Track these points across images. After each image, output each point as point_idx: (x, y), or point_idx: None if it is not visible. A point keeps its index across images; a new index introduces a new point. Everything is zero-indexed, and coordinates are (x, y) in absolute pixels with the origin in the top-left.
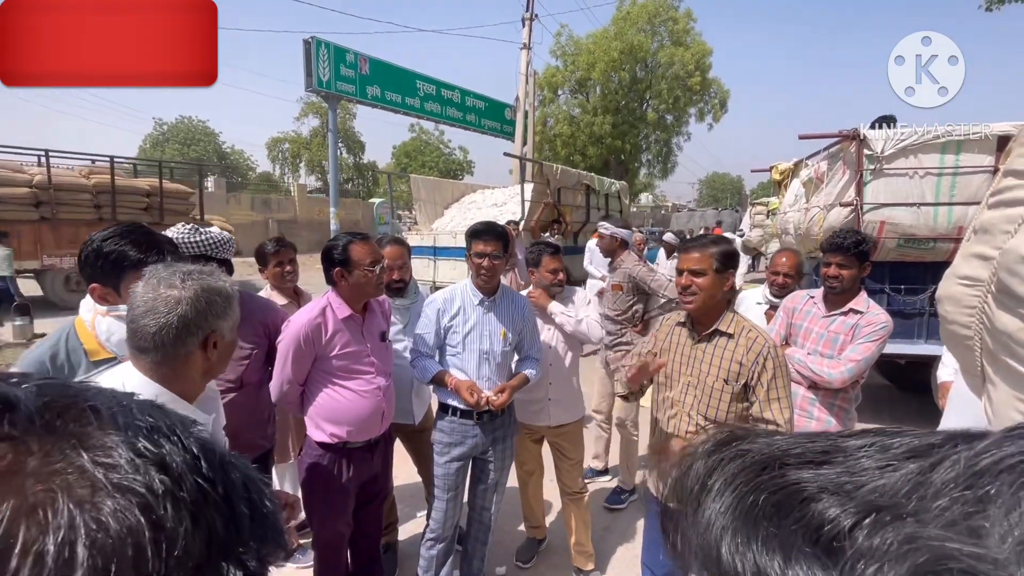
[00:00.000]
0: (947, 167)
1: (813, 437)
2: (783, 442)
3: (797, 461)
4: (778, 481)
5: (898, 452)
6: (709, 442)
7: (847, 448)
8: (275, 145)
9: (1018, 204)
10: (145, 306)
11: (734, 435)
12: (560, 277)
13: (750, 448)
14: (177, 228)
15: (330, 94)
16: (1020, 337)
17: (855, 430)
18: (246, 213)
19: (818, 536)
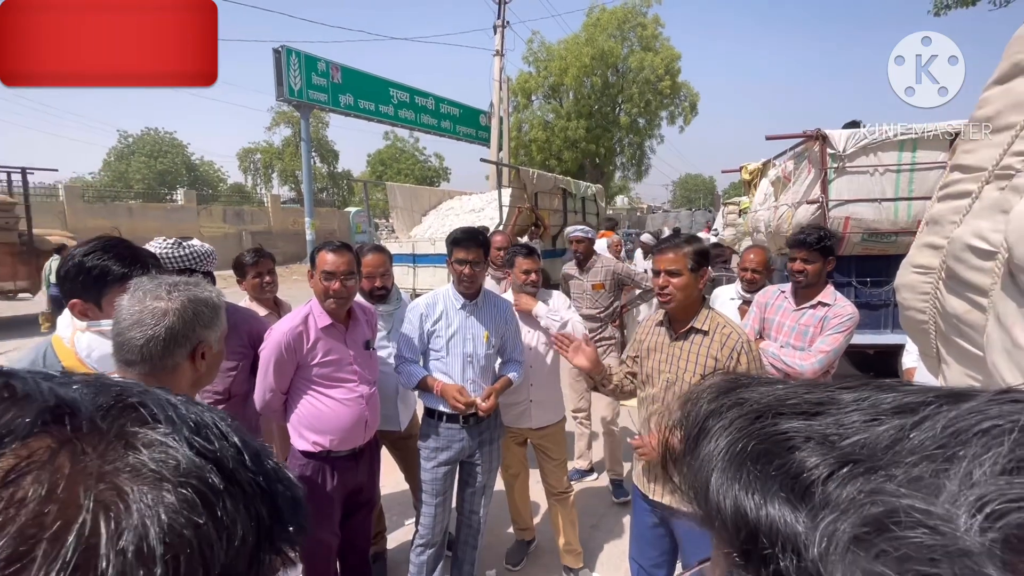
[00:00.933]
0: (905, 164)
1: (811, 387)
2: (782, 391)
3: (791, 411)
4: (769, 430)
5: (887, 407)
6: (713, 388)
7: (841, 401)
8: (247, 156)
9: (963, 196)
10: (132, 319)
11: (737, 382)
12: (532, 278)
13: (749, 396)
14: (158, 242)
15: (302, 103)
16: (968, 319)
17: (853, 382)
18: (218, 225)
19: (795, 483)
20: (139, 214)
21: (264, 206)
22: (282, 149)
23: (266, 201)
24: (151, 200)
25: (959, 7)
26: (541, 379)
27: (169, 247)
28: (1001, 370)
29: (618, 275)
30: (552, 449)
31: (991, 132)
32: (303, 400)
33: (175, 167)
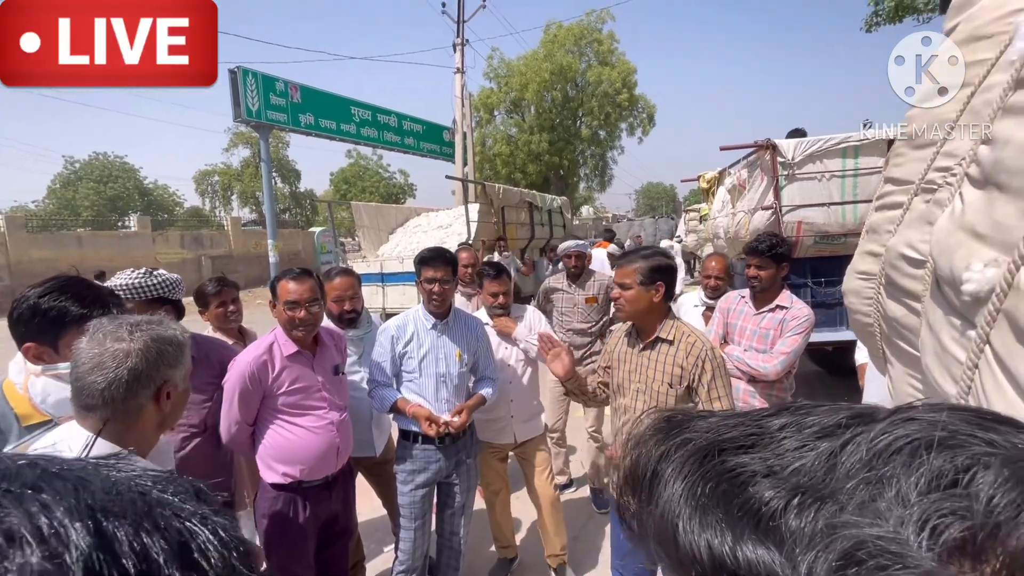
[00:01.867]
0: (848, 170)
1: (740, 420)
2: (717, 426)
3: (732, 446)
4: (719, 469)
5: (811, 432)
6: (656, 430)
7: (770, 429)
8: (203, 178)
9: (896, 207)
10: (92, 362)
11: (673, 421)
12: (500, 300)
13: (691, 436)
14: (127, 274)
15: (261, 124)
16: (905, 322)
17: (774, 407)
18: (176, 251)
19: (758, 520)
20: (89, 243)
21: (224, 229)
22: (241, 170)
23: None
24: (102, 228)
25: (887, 23)
26: (521, 395)
27: (140, 276)
28: (933, 372)
29: (611, 289)
30: (535, 456)
31: (916, 148)
32: (270, 430)
33: (127, 192)
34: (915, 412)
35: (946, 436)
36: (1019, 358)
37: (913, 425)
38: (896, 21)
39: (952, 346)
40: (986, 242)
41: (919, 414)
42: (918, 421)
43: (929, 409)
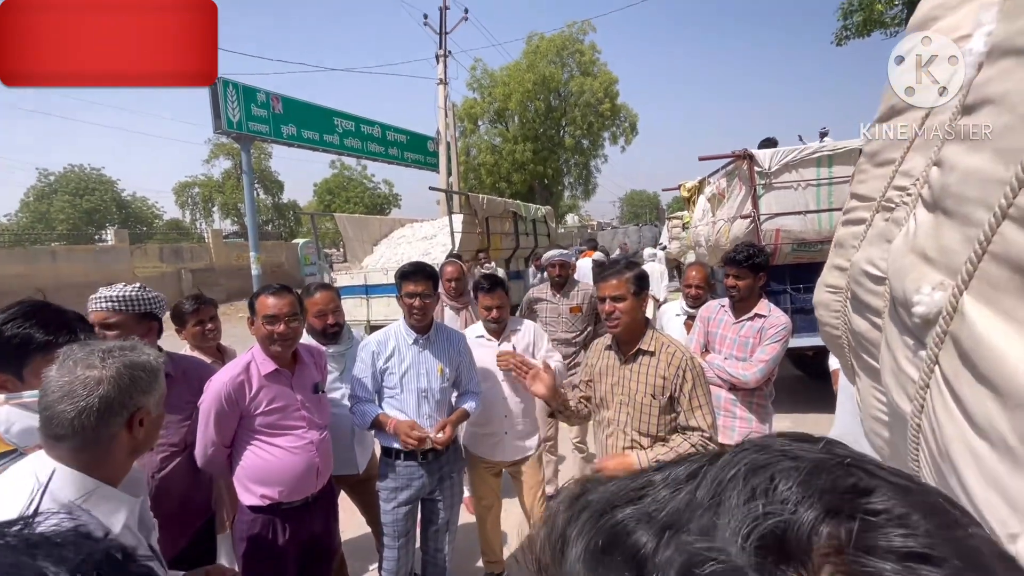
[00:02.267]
0: (823, 178)
1: (636, 476)
2: (616, 486)
3: (623, 501)
4: (609, 523)
5: (682, 477)
6: (566, 499)
7: (655, 481)
8: (183, 190)
9: (860, 223)
10: (61, 391)
11: (583, 488)
12: (494, 315)
13: (593, 498)
14: (120, 287)
15: (242, 135)
16: (869, 336)
17: (664, 463)
18: (154, 265)
19: (635, 562)
20: (64, 258)
21: (204, 242)
22: (222, 182)
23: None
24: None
25: (856, 38)
26: (516, 410)
27: (136, 290)
28: (891, 390)
29: (594, 298)
30: (528, 474)
31: (876, 166)
32: (248, 451)
33: (104, 205)
34: (748, 444)
35: (766, 458)
36: (964, 380)
37: (746, 455)
38: (865, 35)
39: (906, 365)
40: (934, 266)
41: (751, 446)
42: (748, 451)
43: (759, 439)
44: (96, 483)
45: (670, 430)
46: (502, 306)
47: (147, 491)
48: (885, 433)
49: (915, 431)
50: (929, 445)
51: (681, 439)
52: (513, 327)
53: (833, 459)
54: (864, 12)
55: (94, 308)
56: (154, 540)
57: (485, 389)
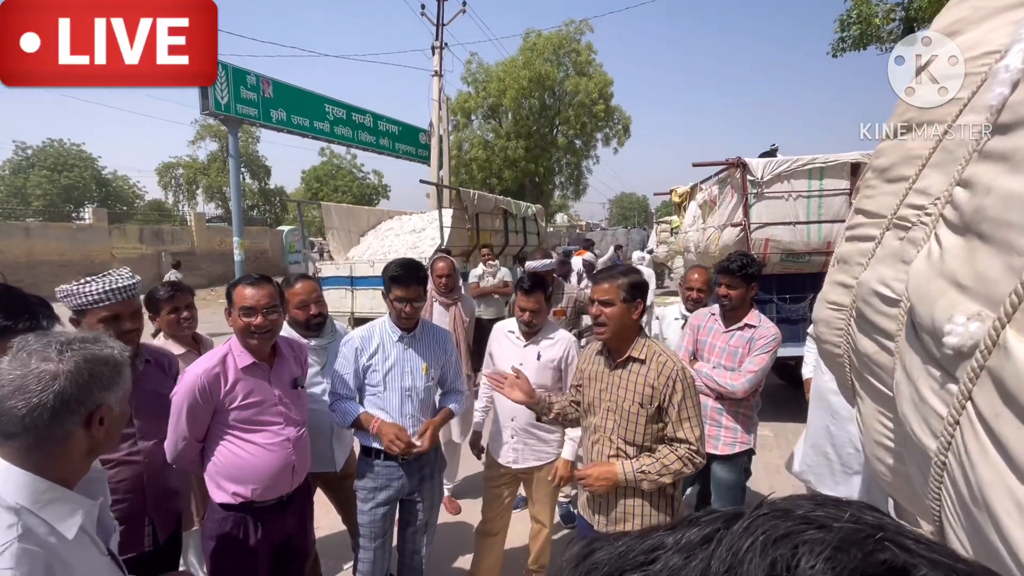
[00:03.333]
0: (814, 190)
1: (646, 535)
2: (624, 547)
3: (632, 566)
4: None
5: (696, 542)
6: (572, 559)
7: (666, 544)
8: (167, 170)
9: (867, 240)
10: (12, 384)
11: (591, 547)
12: (526, 318)
13: (600, 559)
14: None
15: (230, 118)
16: (877, 359)
17: (676, 522)
18: (134, 246)
19: None
20: (39, 234)
21: (187, 225)
22: (207, 164)
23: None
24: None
25: (853, 50)
26: (524, 414)
27: (128, 277)
28: (910, 422)
29: (580, 302)
30: (538, 490)
31: (887, 181)
32: (221, 447)
33: (83, 182)
34: (767, 507)
35: (788, 526)
36: (1007, 422)
37: (766, 521)
38: (861, 48)
39: (931, 398)
40: (969, 294)
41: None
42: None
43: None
44: (49, 485)
45: (657, 440)
46: (538, 310)
47: (106, 490)
48: (890, 460)
49: (939, 469)
50: (957, 486)
51: (667, 450)
52: (547, 334)
53: (863, 530)
54: (861, 25)
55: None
56: (114, 544)
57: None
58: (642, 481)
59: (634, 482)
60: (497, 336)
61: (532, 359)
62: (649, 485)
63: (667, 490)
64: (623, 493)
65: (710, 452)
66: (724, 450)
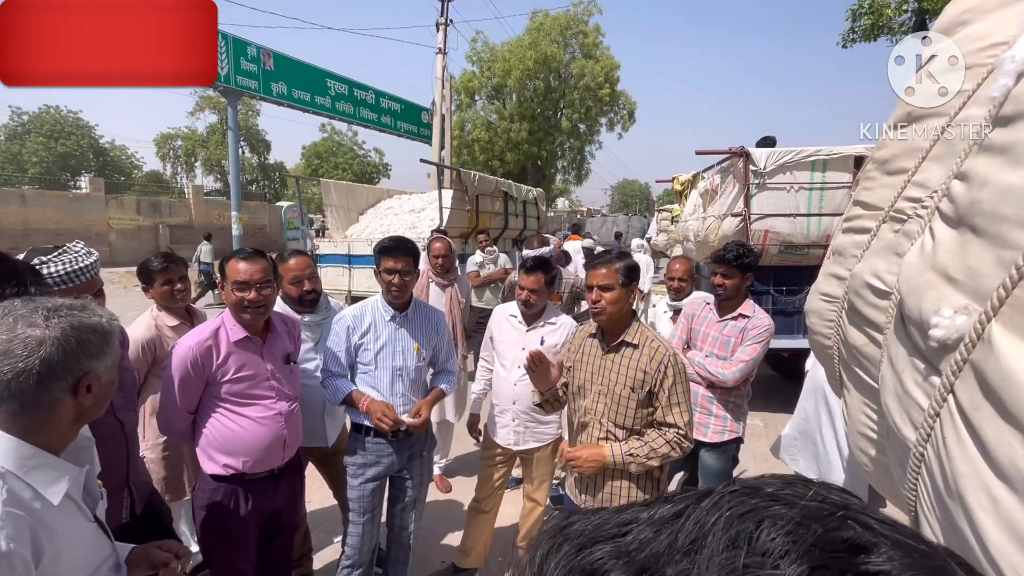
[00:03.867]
0: (816, 183)
1: (622, 511)
2: (599, 519)
3: (605, 537)
4: (587, 559)
5: (667, 517)
6: (549, 529)
7: (640, 519)
8: (165, 142)
9: (863, 232)
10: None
11: (568, 519)
12: (525, 296)
13: (575, 530)
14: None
15: (229, 89)
16: (865, 351)
17: (653, 499)
18: (131, 218)
19: None
20: (35, 202)
21: (185, 197)
22: (207, 136)
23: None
24: (50, 186)
25: (863, 42)
26: (525, 399)
27: (83, 255)
28: (892, 413)
29: (576, 288)
30: (537, 465)
31: (886, 174)
32: (213, 419)
33: (80, 151)
34: (736, 484)
35: (754, 503)
36: (985, 415)
37: (734, 498)
38: (871, 39)
39: (914, 389)
40: (958, 287)
41: (740, 487)
42: (735, 493)
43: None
44: (35, 450)
45: (646, 424)
46: (537, 291)
47: (94, 458)
48: (872, 452)
49: (917, 460)
50: (933, 477)
51: (656, 434)
52: (549, 318)
53: (827, 508)
54: (873, 16)
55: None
56: (100, 511)
57: (498, 370)
58: (630, 464)
59: (622, 464)
60: (498, 320)
61: (535, 344)
62: (637, 468)
63: (654, 473)
64: (610, 475)
65: (699, 439)
66: (713, 438)
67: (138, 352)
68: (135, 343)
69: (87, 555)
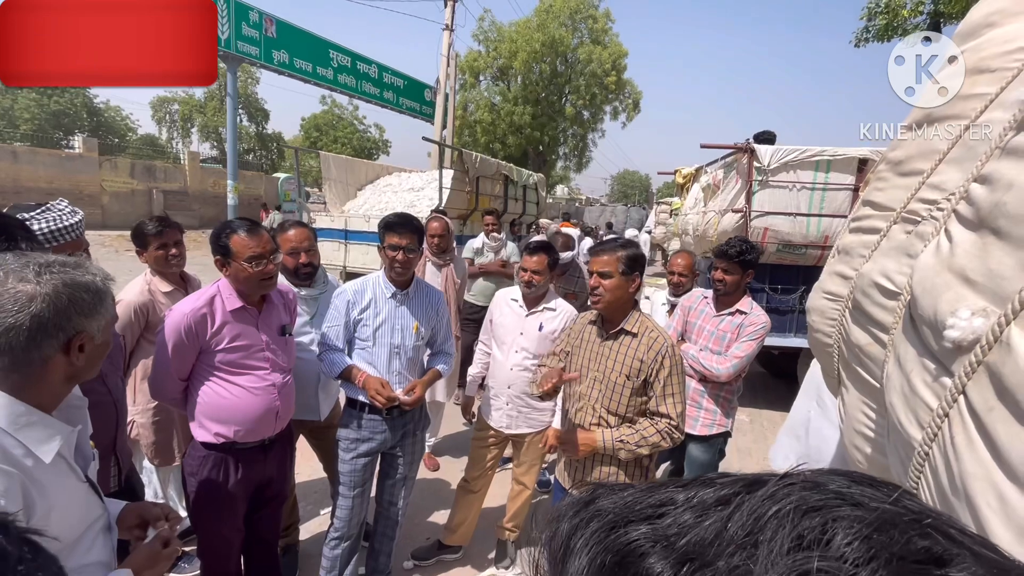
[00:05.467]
0: (818, 183)
1: (654, 489)
2: (631, 497)
3: (639, 517)
4: (621, 540)
5: (710, 502)
6: (574, 503)
7: (677, 500)
8: (161, 105)
9: (873, 232)
10: None
11: (595, 493)
12: (526, 278)
13: (604, 506)
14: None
15: (229, 55)
16: (868, 351)
17: (688, 480)
18: (124, 180)
19: None
20: (26, 159)
21: (180, 163)
22: (204, 102)
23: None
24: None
25: (876, 41)
26: (520, 386)
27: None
28: (898, 412)
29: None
30: (527, 450)
31: (900, 175)
32: (206, 387)
33: (73, 109)
34: (793, 478)
35: (819, 499)
36: (998, 417)
37: (789, 491)
38: (885, 40)
39: (923, 390)
40: (977, 289)
41: (797, 479)
42: (794, 487)
43: (804, 477)
44: (27, 408)
45: (639, 412)
46: (540, 272)
47: (86, 418)
48: (868, 450)
49: (921, 459)
50: (938, 477)
51: (648, 423)
52: (549, 303)
53: (904, 514)
54: (888, 16)
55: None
56: (92, 471)
57: (496, 354)
58: (620, 450)
59: (612, 450)
60: (499, 303)
61: (533, 329)
62: (626, 455)
63: (643, 461)
64: (599, 460)
65: (688, 432)
66: (702, 431)
67: (130, 316)
68: (127, 306)
69: (78, 514)
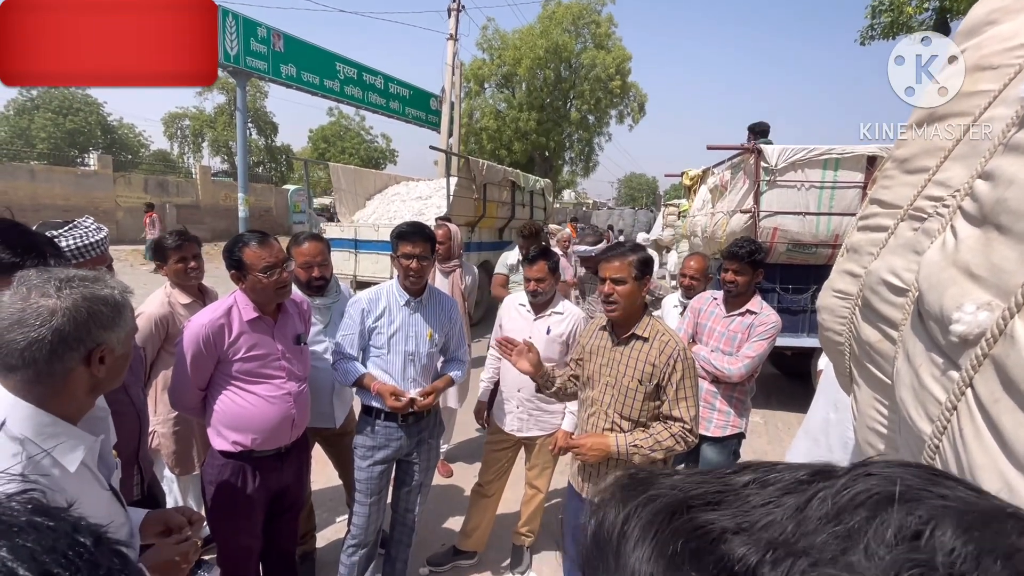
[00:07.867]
0: (827, 181)
1: (705, 477)
2: (682, 483)
3: (700, 503)
4: (689, 526)
5: (776, 489)
6: (619, 488)
7: (735, 486)
8: (173, 121)
9: (880, 230)
10: (12, 318)
11: (637, 479)
12: (531, 287)
13: (658, 493)
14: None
15: (238, 70)
16: (879, 347)
17: (738, 465)
18: (138, 196)
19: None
20: (43, 178)
21: (192, 177)
22: (214, 117)
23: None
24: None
25: (881, 39)
26: (529, 385)
27: (93, 231)
28: (907, 407)
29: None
30: (539, 453)
31: (906, 172)
32: (223, 397)
33: (88, 127)
34: (872, 468)
35: (904, 491)
36: (1005, 408)
37: (872, 480)
38: (890, 37)
39: (931, 384)
40: (981, 284)
41: (876, 469)
42: (876, 476)
43: (884, 465)
44: (52, 419)
45: (652, 416)
46: (542, 279)
47: (110, 427)
48: (881, 446)
49: (931, 452)
50: (947, 469)
51: (662, 427)
52: (556, 308)
53: (1004, 509)
54: (892, 13)
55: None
56: (115, 480)
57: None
58: (634, 455)
59: (626, 455)
60: (507, 308)
61: (541, 333)
62: (640, 459)
63: (657, 465)
64: (614, 465)
65: (702, 433)
66: (716, 432)
67: (151, 328)
68: (148, 319)
69: (101, 522)
